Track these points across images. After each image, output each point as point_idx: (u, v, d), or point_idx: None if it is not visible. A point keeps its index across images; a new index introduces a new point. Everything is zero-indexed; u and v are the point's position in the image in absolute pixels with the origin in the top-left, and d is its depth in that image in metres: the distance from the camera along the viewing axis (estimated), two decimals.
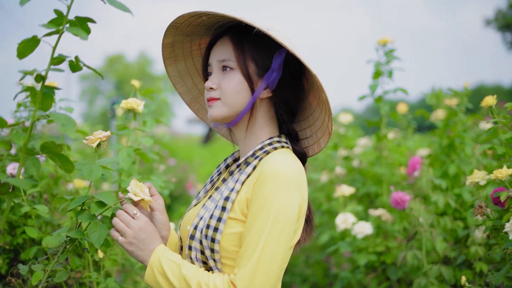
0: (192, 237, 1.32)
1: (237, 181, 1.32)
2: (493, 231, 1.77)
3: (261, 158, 1.33)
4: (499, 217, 1.77)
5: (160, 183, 2.01)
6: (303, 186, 1.32)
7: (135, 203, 1.37)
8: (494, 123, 1.91)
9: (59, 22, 1.22)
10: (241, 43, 1.38)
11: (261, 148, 1.37)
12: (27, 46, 1.21)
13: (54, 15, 1.23)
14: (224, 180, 1.40)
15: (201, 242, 1.30)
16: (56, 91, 1.32)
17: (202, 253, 1.30)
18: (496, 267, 1.76)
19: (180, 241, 1.45)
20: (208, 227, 1.29)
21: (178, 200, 6.00)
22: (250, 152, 1.37)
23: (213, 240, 1.27)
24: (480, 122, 3.03)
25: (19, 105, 2.05)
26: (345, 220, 2.51)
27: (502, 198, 1.65)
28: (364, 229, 2.41)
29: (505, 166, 1.73)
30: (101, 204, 1.30)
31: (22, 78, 1.31)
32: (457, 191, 2.53)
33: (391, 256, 2.42)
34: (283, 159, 1.31)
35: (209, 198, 1.38)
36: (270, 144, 1.37)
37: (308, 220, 1.43)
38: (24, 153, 1.30)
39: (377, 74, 2.81)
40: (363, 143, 3.43)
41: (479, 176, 1.87)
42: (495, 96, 1.93)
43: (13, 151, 1.98)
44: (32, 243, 1.86)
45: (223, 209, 1.29)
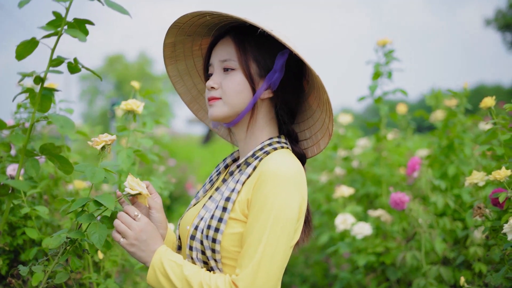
0: (193, 238, 1.32)
1: (238, 182, 1.32)
2: (492, 232, 1.77)
3: (261, 159, 1.34)
4: (498, 218, 1.77)
5: (160, 184, 2.02)
6: (303, 186, 1.32)
7: (133, 200, 1.38)
8: (494, 124, 1.91)
9: (58, 24, 1.22)
10: (243, 44, 1.38)
11: (261, 149, 1.37)
12: (26, 48, 1.21)
13: (54, 15, 1.23)
14: (224, 181, 1.40)
15: (202, 243, 1.30)
16: (56, 92, 1.32)
17: (203, 253, 1.31)
18: (495, 268, 1.77)
19: (179, 241, 1.45)
20: (209, 228, 1.29)
21: (178, 201, 6.00)
22: (250, 153, 1.37)
23: (214, 241, 1.28)
24: (480, 123, 3.03)
25: (19, 106, 2.05)
26: (345, 221, 2.51)
27: (501, 199, 1.65)
28: (364, 230, 2.41)
29: (504, 167, 1.73)
30: (99, 203, 1.30)
31: (21, 80, 1.31)
32: (456, 192, 2.53)
33: (391, 257, 2.42)
34: (283, 160, 1.31)
35: (210, 199, 1.39)
36: (270, 145, 1.38)
37: (307, 221, 1.43)
38: (24, 155, 1.30)
39: (377, 75, 2.81)
40: (363, 144, 3.43)
41: (478, 177, 1.87)
42: (494, 97, 1.93)
43: (13, 152, 1.98)
44: (32, 244, 1.86)
45: (224, 210, 1.29)
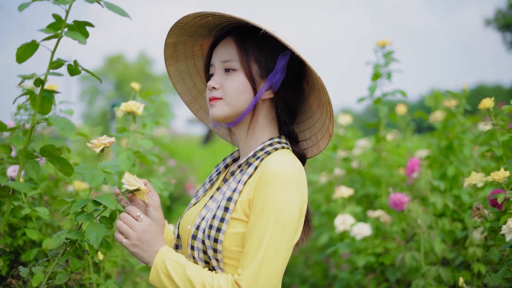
0: (194, 237, 1.33)
1: (239, 182, 1.33)
2: (491, 233, 1.77)
3: (262, 159, 1.35)
4: (497, 219, 1.77)
5: (160, 185, 2.02)
6: (303, 186, 1.33)
7: (132, 198, 1.38)
8: (493, 125, 1.91)
9: (58, 27, 1.23)
10: (245, 44, 1.39)
11: (262, 149, 1.38)
12: (26, 51, 1.22)
13: (54, 18, 1.24)
14: (226, 181, 1.41)
15: (204, 242, 1.31)
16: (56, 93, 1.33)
17: (205, 253, 1.32)
18: (494, 268, 1.77)
19: (177, 240, 1.46)
20: (211, 228, 1.30)
21: (178, 201, 6.00)
22: (251, 153, 1.38)
23: (216, 240, 1.29)
24: (479, 124, 3.03)
25: (19, 108, 2.06)
26: (344, 222, 2.52)
27: (499, 200, 1.65)
28: (363, 230, 2.42)
29: (502, 169, 1.73)
30: (97, 203, 1.30)
31: (21, 83, 1.31)
32: (456, 193, 2.54)
33: (390, 257, 2.42)
34: (284, 160, 1.32)
35: (211, 198, 1.39)
36: (271, 145, 1.39)
37: (306, 221, 1.44)
38: (24, 157, 1.31)
39: (376, 76, 2.81)
40: (362, 145, 3.43)
41: (477, 178, 1.88)
42: (493, 99, 1.94)
43: (13, 153, 1.99)
44: (33, 245, 1.87)
45: (226, 210, 1.30)
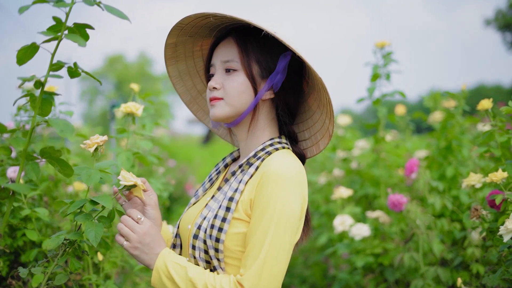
0: (196, 237, 1.34)
1: (240, 182, 1.34)
2: (489, 234, 1.78)
3: (263, 159, 1.36)
4: (495, 220, 1.78)
5: (159, 186, 2.03)
6: (304, 186, 1.34)
7: (129, 196, 1.38)
8: (492, 126, 1.92)
9: (58, 29, 1.23)
10: (246, 45, 1.39)
11: (263, 149, 1.39)
12: (27, 53, 1.23)
13: (54, 21, 1.24)
14: (226, 180, 1.41)
15: (205, 242, 1.31)
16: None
17: (206, 253, 1.32)
18: (492, 269, 1.78)
19: (175, 239, 1.46)
20: (213, 227, 1.30)
21: (178, 201, 6.00)
22: (252, 153, 1.39)
23: (218, 240, 1.29)
24: (478, 124, 3.03)
25: (19, 109, 2.06)
26: (343, 222, 2.52)
27: (497, 201, 1.66)
28: (362, 231, 2.42)
29: (500, 169, 1.74)
30: (95, 202, 1.31)
31: (21, 85, 1.32)
32: (454, 193, 2.54)
33: (389, 258, 2.43)
34: (284, 160, 1.33)
35: (212, 198, 1.40)
36: (271, 145, 1.39)
37: (306, 221, 1.44)
38: (24, 158, 1.31)
39: (375, 77, 2.80)
40: (361, 145, 3.43)
41: (475, 179, 1.89)
42: (491, 100, 1.94)
43: (14, 155, 1.99)
44: (33, 246, 1.87)
45: (228, 210, 1.31)
